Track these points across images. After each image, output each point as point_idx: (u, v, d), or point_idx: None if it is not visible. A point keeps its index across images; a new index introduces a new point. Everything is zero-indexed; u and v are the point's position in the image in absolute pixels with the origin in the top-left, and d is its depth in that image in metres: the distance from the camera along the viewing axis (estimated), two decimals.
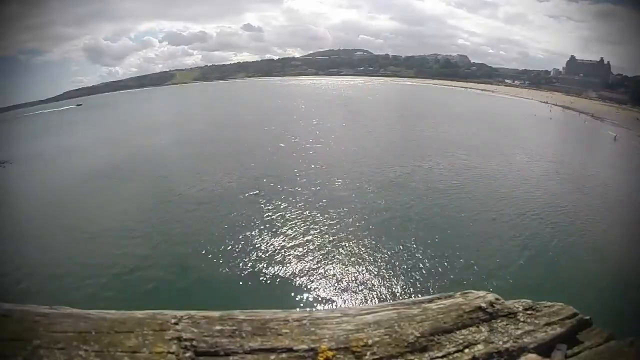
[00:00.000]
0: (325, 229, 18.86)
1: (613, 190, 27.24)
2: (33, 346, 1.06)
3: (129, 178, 29.51)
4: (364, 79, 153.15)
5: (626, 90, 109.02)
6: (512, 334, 1.52)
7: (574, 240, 18.76)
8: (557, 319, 1.65)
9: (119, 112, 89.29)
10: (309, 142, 38.77)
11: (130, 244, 18.16)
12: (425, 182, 26.77)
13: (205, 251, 17.06)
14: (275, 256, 16.41)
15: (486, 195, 24.20)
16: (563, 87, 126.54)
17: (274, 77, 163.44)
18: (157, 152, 37.97)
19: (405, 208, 21.68)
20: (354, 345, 1.30)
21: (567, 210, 22.48)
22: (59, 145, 48.46)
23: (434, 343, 1.39)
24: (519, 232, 19.00)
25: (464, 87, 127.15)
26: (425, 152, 35.10)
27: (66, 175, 32.14)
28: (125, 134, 52.81)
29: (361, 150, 35.31)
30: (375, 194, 23.75)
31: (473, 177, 28.18)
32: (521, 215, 21.17)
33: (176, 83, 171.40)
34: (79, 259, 16.88)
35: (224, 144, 39.27)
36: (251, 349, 1.22)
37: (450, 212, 21.22)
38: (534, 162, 33.81)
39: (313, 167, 29.88)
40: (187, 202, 23.19)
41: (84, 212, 22.82)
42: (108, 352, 1.10)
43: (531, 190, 25.75)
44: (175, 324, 1.26)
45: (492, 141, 41.67)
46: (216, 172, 28.99)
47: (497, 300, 1.66)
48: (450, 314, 1.54)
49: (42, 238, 19.44)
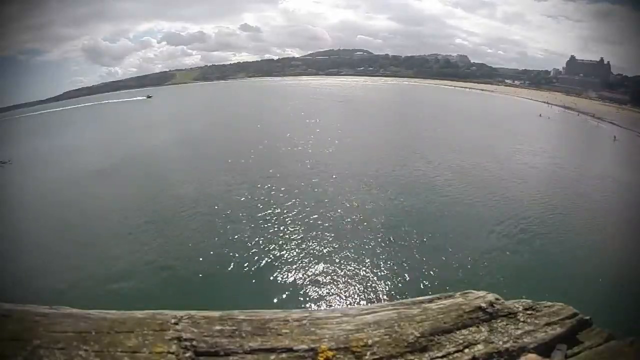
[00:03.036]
0: (325, 229, 18.85)
1: (613, 191, 27.26)
2: (33, 346, 1.06)
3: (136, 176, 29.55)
4: (365, 79, 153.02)
5: (626, 90, 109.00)
6: (512, 334, 1.52)
7: (574, 240, 18.76)
8: (557, 319, 1.64)
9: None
10: (308, 142, 38.77)
11: (131, 244, 18.17)
12: (425, 182, 26.77)
13: (206, 251, 17.06)
14: (275, 256, 16.41)
15: (486, 196, 24.19)
16: (563, 87, 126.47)
17: (274, 77, 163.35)
18: (156, 152, 37.99)
19: (406, 208, 21.67)
20: (354, 345, 1.30)
21: (567, 211, 22.48)
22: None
23: (434, 343, 1.39)
24: (520, 232, 18.99)
25: (465, 87, 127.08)
26: (428, 153, 35.11)
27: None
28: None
29: (362, 151, 35.31)
30: (375, 194, 23.74)
31: (473, 177, 28.18)
32: (521, 215, 21.16)
33: (176, 83, 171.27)
34: (79, 258, 16.88)
35: (228, 144, 39.28)
36: (251, 349, 1.22)
37: (450, 212, 21.23)
38: (534, 162, 33.82)
39: (313, 167, 29.87)
40: (187, 202, 23.20)
41: (84, 211, 22.84)
42: (108, 352, 1.10)
43: (531, 190, 25.74)
44: (175, 324, 1.26)
45: (493, 141, 41.70)
46: (217, 172, 29.00)
47: (497, 300, 1.66)
48: (450, 314, 1.53)
49: (42, 238, 19.44)
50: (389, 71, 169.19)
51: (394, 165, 30.28)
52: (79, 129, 63.57)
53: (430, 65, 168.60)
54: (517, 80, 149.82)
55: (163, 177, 28.59)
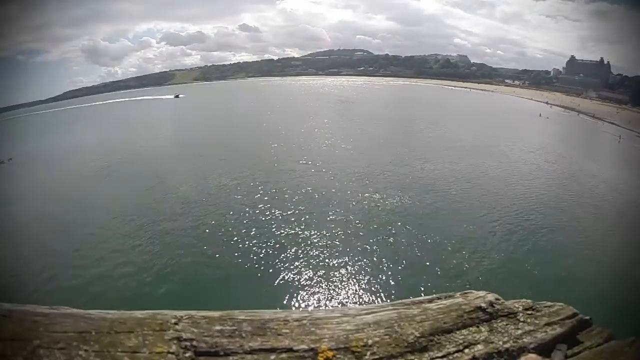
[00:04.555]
0: (325, 229, 18.85)
1: (613, 190, 27.25)
2: (33, 346, 1.06)
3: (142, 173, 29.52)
4: (365, 79, 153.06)
5: (626, 90, 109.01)
6: (512, 334, 1.52)
7: (574, 240, 18.76)
8: (557, 319, 1.64)
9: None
10: (308, 142, 38.76)
11: (131, 244, 18.17)
12: (426, 181, 26.77)
13: (206, 251, 17.07)
14: (275, 256, 16.41)
15: (487, 196, 24.20)
16: (563, 87, 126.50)
17: (274, 77, 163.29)
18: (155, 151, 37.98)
19: (406, 207, 21.68)
20: (354, 345, 1.30)
21: (567, 211, 22.48)
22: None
23: (434, 343, 1.39)
24: (520, 232, 18.99)
25: (465, 88, 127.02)
26: (429, 153, 35.10)
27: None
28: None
29: (363, 151, 35.30)
30: (375, 194, 23.73)
31: (474, 177, 28.18)
32: (522, 215, 21.16)
33: (176, 83, 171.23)
34: (79, 258, 16.89)
35: (227, 143, 39.26)
36: (251, 349, 1.22)
37: (450, 213, 21.22)
38: (536, 162, 33.82)
39: (312, 167, 29.87)
40: (187, 202, 23.20)
41: (84, 211, 22.84)
42: (108, 352, 1.10)
43: (533, 190, 25.74)
44: (175, 324, 1.26)
45: (494, 141, 41.68)
46: (217, 172, 28.99)
47: (497, 300, 1.66)
48: (450, 314, 1.53)
49: (42, 238, 19.44)
50: (389, 71, 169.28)
51: (395, 165, 30.28)
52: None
53: (431, 65, 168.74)
54: (517, 80, 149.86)
55: (162, 176, 28.59)
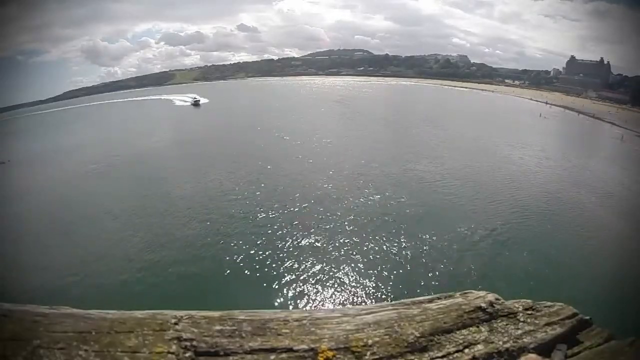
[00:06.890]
0: (325, 229, 18.86)
1: (613, 190, 27.25)
2: (33, 346, 1.06)
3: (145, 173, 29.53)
4: (364, 79, 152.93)
5: (626, 90, 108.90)
6: (512, 334, 1.52)
7: (574, 240, 18.76)
8: (557, 319, 1.64)
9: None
10: (308, 143, 38.75)
11: (131, 244, 18.18)
12: (426, 181, 26.77)
13: (206, 251, 17.07)
14: (275, 256, 16.41)
15: (487, 196, 24.19)
16: (563, 87, 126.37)
17: (274, 77, 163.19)
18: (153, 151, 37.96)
19: (406, 208, 21.68)
20: (354, 345, 1.30)
21: (568, 211, 22.48)
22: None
23: (434, 343, 1.39)
24: (520, 232, 18.99)
25: (465, 88, 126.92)
26: (429, 152, 35.10)
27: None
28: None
29: (363, 151, 35.30)
30: (375, 194, 23.74)
31: (475, 177, 28.18)
32: (522, 215, 21.16)
33: (176, 83, 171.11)
34: (79, 258, 16.90)
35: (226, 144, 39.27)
36: (251, 349, 1.22)
37: (450, 212, 21.22)
38: (537, 162, 33.80)
39: (312, 167, 29.87)
40: (188, 202, 23.19)
41: (84, 211, 22.84)
42: (108, 352, 1.10)
43: (533, 190, 25.74)
44: (175, 324, 1.26)
45: (496, 141, 41.68)
46: (217, 172, 29.00)
47: (497, 300, 1.66)
48: (450, 314, 1.53)
49: (42, 237, 19.44)
50: (389, 71, 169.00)
51: (395, 165, 30.27)
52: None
53: (431, 65, 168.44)
54: (517, 80, 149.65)
55: (162, 177, 28.60)
